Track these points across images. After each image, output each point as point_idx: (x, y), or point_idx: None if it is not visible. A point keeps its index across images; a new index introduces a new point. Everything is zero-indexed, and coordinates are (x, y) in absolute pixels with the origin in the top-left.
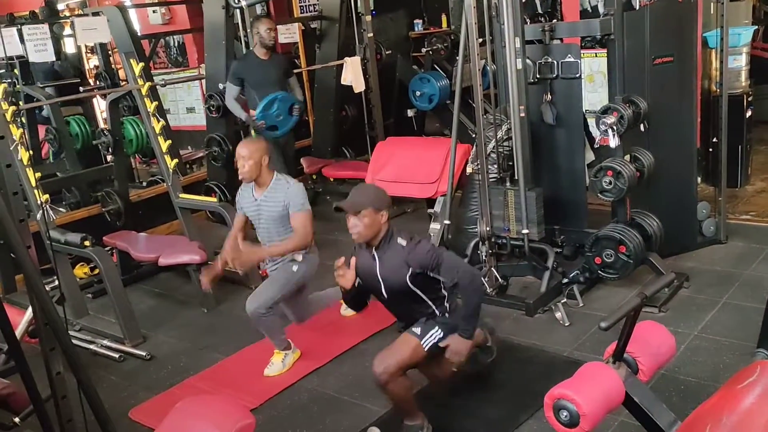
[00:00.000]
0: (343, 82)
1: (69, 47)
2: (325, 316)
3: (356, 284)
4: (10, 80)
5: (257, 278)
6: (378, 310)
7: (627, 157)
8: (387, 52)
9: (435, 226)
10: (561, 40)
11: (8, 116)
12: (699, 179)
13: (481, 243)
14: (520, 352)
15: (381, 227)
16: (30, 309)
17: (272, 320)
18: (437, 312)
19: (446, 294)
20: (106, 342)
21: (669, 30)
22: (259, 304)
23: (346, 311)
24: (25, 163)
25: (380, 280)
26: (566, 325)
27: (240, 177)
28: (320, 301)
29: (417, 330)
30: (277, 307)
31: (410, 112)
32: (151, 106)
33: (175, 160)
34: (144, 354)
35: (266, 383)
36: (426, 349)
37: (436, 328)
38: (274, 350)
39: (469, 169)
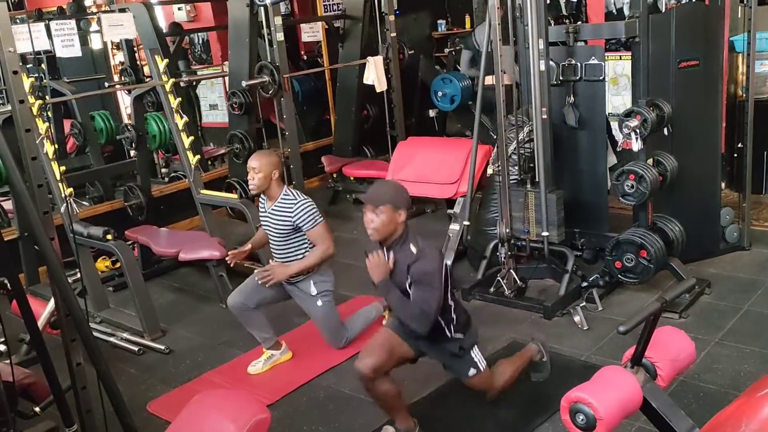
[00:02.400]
0: (365, 82)
1: (95, 43)
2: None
3: None
4: (37, 75)
5: None
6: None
7: (650, 161)
8: (410, 52)
9: (454, 227)
10: (585, 42)
11: (35, 110)
12: (723, 185)
13: (500, 244)
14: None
15: (397, 227)
16: (52, 300)
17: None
18: (442, 324)
19: (452, 304)
20: (125, 335)
21: (695, 33)
22: (337, 340)
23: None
24: (50, 156)
25: None
26: (584, 329)
27: (249, 188)
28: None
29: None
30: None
31: (432, 113)
32: (174, 102)
33: (197, 156)
34: (163, 348)
35: (283, 380)
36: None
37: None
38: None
39: (489, 171)
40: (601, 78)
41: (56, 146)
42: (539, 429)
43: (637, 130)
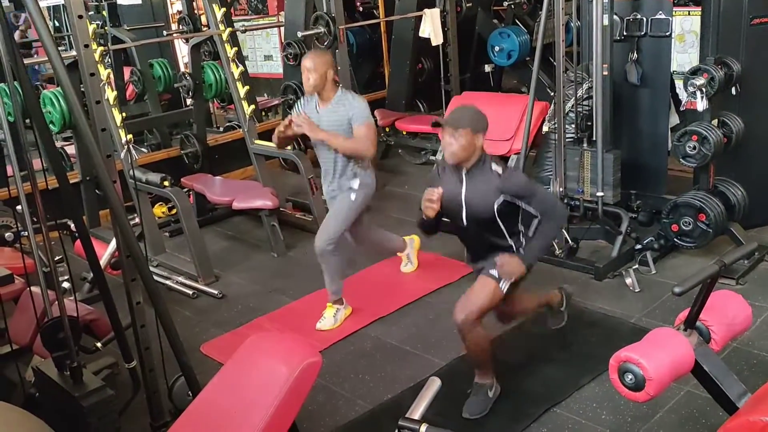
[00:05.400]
0: (421, 35)
1: None
2: (390, 269)
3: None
4: (98, 22)
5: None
6: (441, 267)
7: (714, 122)
8: (467, 5)
9: None
10: None
11: (97, 56)
12: None
13: None
14: (586, 315)
15: (475, 150)
16: (113, 241)
17: (336, 260)
18: (513, 247)
19: (522, 230)
20: (181, 279)
21: None
22: (327, 236)
23: (405, 267)
24: (112, 102)
25: (464, 204)
26: (636, 291)
27: (305, 88)
28: (385, 239)
29: (494, 272)
30: (344, 252)
31: (488, 68)
32: (230, 52)
33: (252, 107)
34: (216, 292)
35: (331, 329)
36: (504, 291)
37: None
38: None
39: (545, 128)
40: (667, 34)
41: (116, 93)
42: (585, 389)
43: (703, 89)
